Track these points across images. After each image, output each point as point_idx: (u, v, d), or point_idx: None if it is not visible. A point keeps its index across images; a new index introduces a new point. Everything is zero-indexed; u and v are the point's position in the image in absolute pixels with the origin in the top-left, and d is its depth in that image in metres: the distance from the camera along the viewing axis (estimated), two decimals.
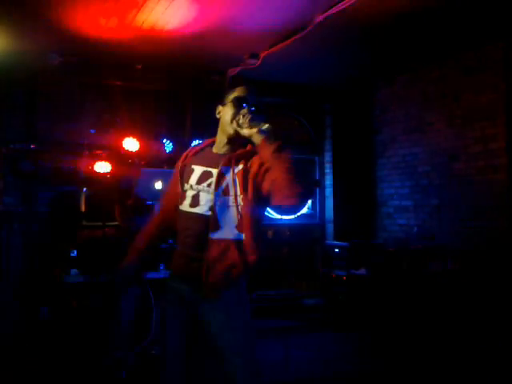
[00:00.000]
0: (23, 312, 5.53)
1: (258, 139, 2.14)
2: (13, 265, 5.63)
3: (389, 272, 5.67)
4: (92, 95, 6.12)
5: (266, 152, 2.10)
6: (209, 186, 2.26)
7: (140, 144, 5.54)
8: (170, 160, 5.64)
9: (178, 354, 2.25)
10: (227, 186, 2.24)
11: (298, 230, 7.31)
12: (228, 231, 2.21)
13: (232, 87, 2.41)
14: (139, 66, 5.97)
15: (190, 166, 2.36)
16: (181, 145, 6.08)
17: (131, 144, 5.69)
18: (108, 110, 6.18)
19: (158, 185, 3.97)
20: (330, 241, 7.05)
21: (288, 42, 5.03)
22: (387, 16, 4.59)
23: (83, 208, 5.87)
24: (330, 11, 4.32)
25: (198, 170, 2.34)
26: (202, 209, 2.25)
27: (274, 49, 5.29)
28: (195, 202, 2.27)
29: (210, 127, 6.99)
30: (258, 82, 6.65)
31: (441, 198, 5.94)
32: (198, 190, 2.29)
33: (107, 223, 4.84)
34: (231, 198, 2.22)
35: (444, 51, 5.61)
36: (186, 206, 2.30)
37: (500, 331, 4.44)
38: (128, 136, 5.73)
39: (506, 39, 5.10)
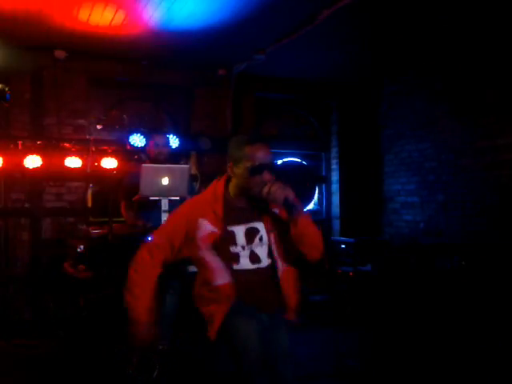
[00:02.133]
0: (31, 307, 5.57)
1: (290, 210, 2.30)
2: (20, 261, 5.67)
3: (395, 268, 5.65)
4: (98, 91, 6.13)
5: (297, 223, 2.31)
6: (261, 240, 2.42)
7: (146, 140, 5.55)
8: (176, 155, 5.65)
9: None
10: (268, 236, 2.44)
11: None
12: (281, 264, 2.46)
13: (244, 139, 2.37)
14: (145, 62, 5.98)
15: (227, 229, 2.37)
16: (186, 140, 6.10)
17: (137, 140, 5.71)
18: (114, 105, 6.20)
19: (165, 180, 3.96)
20: (337, 237, 7.04)
21: (293, 37, 5.01)
22: (392, 11, 4.57)
23: (90, 204, 5.89)
24: (336, 6, 4.30)
25: (239, 230, 2.40)
26: (264, 262, 2.43)
27: (279, 44, 5.28)
28: (255, 258, 2.42)
29: (216, 123, 7.02)
30: (263, 78, 6.66)
31: (447, 194, 5.91)
32: (250, 249, 2.41)
33: (113, 219, 4.85)
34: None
35: (450, 46, 5.58)
36: (245, 265, 2.40)
37: (505, 328, 4.42)
38: (134, 132, 5.75)
39: None
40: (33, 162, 5.34)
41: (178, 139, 5.92)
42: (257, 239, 2.41)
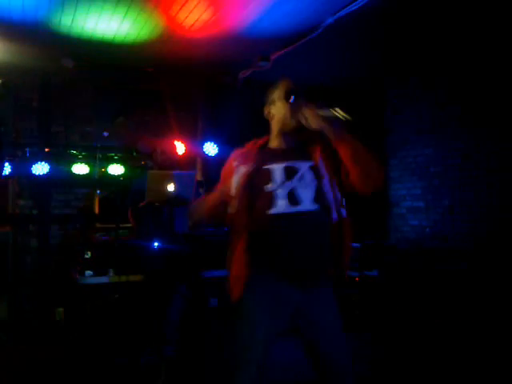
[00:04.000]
0: (38, 313, 5.61)
1: (329, 131, 2.18)
2: (28, 267, 5.71)
3: (401, 273, 5.65)
4: (105, 98, 6.18)
5: (343, 141, 2.17)
6: (302, 179, 2.18)
7: (153, 146, 5.59)
8: (182, 162, 5.69)
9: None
10: (318, 174, 2.22)
11: None
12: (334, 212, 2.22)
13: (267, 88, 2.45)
14: (151, 69, 6.03)
15: (263, 167, 2.22)
16: (192, 146, 6.13)
17: (144, 146, 5.75)
18: (121, 112, 6.25)
19: (171, 187, 3.99)
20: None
21: (298, 44, 5.04)
22: (397, 17, 4.59)
23: (97, 210, 5.93)
24: (340, 13, 4.33)
25: (276, 168, 2.20)
26: (307, 206, 2.15)
27: (284, 51, 5.31)
28: (295, 200, 2.14)
29: (222, 129, 7.04)
30: (269, 84, 6.67)
31: (453, 198, 5.91)
32: (290, 187, 2.16)
33: (120, 225, 4.89)
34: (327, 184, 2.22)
35: (455, 51, 5.59)
36: (282, 207, 2.12)
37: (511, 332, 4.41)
38: (141, 138, 5.79)
39: None
40: (40, 169, 5.39)
41: (184, 145, 5.96)
42: (296, 177, 2.17)
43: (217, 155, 6.11)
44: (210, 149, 6.10)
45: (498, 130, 5.36)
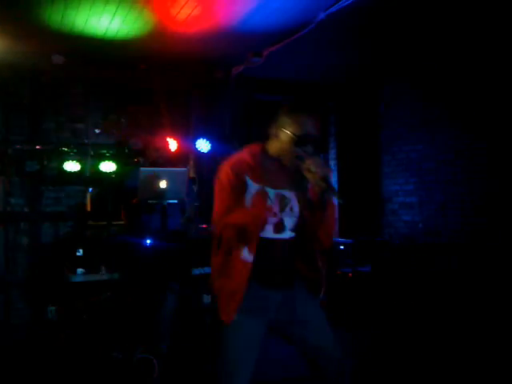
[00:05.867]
0: (30, 311, 5.58)
1: (320, 190, 2.18)
2: (19, 265, 5.68)
3: (394, 269, 5.67)
4: (96, 95, 6.14)
5: (328, 205, 2.23)
6: (291, 210, 2.26)
7: (145, 143, 5.57)
8: (174, 159, 5.67)
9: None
10: (302, 204, 2.30)
11: None
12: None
13: (288, 107, 2.31)
14: (143, 66, 5.99)
15: (263, 188, 2.21)
16: (185, 143, 6.11)
17: (136, 143, 5.72)
18: (112, 109, 6.21)
19: (163, 184, 3.97)
20: (335, 238, 7.05)
21: (290, 40, 5.02)
22: (389, 13, 4.59)
23: (89, 208, 5.90)
24: (332, 9, 4.32)
25: (271, 193, 2.22)
26: (287, 234, 2.28)
27: (276, 47, 5.29)
28: (280, 228, 2.26)
29: (215, 125, 7.02)
30: (261, 80, 6.67)
31: (446, 194, 5.92)
32: (280, 217, 2.24)
33: (112, 222, 4.87)
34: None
35: (447, 47, 5.60)
36: (267, 233, 2.23)
37: (504, 328, 4.43)
38: (133, 135, 5.76)
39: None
40: (32, 166, 5.35)
41: (176, 142, 5.93)
42: (288, 208, 2.25)
43: (209, 152, 6.08)
44: (203, 145, 6.07)
45: (489, 126, 5.38)
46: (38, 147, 5.58)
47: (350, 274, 6.02)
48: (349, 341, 5.02)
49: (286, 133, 2.23)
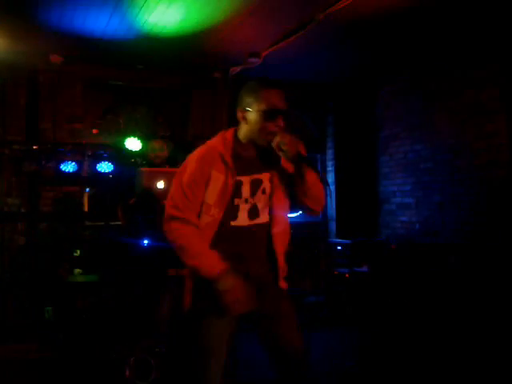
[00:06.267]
0: (27, 312, 5.56)
1: (295, 165, 2.20)
2: (17, 265, 5.66)
3: (391, 269, 5.67)
4: (94, 95, 6.13)
5: (307, 175, 2.20)
6: (263, 193, 2.28)
7: (142, 143, 5.56)
8: (172, 159, 5.66)
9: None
10: (271, 188, 2.29)
11: (300, 228, 7.30)
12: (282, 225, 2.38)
13: (252, 86, 2.25)
14: (141, 66, 5.99)
15: (235, 178, 2.21)
16: (182, 144, 6.11)
17: (133, 144, 5.72)
18: (110, 109, 6.21)
19: (161, 184, 3.97)
20: (333, 238, 7.06)
21: (288, 40, 5.02)
22: (388, 13, 4.59)
23: (86, 208, 5.89)
24: (330, 9, 4.32)
25: (245, 181, 2.24)
26: (263, 218, 2.29)
27: (274, 48, 5.29)
28: (254, 213, 2.27)
29: (212, 126, 7.01)
30: (259, 80, 6.65)
31: (443, 194, 5.93)
32: (254, 202, 2.26)
33: (110, 223, 4.86)
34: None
35: (445, 47, 5.61)
36: (242, 220, 2.25)
37: (502, 328, 4.44)
38: (130, 136, 5.75)
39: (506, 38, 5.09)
40: (29, 166, 5.34)
41: (173, 143, 5.92)
42: (259, 192, 2.26)
43: None
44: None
45: (487, 126, 5.38)
46: (35, 147, 5.57)
47: (348, 275, 6.03)
48: (347, 341, 5.03)
49: (253, 112, 2.20)
